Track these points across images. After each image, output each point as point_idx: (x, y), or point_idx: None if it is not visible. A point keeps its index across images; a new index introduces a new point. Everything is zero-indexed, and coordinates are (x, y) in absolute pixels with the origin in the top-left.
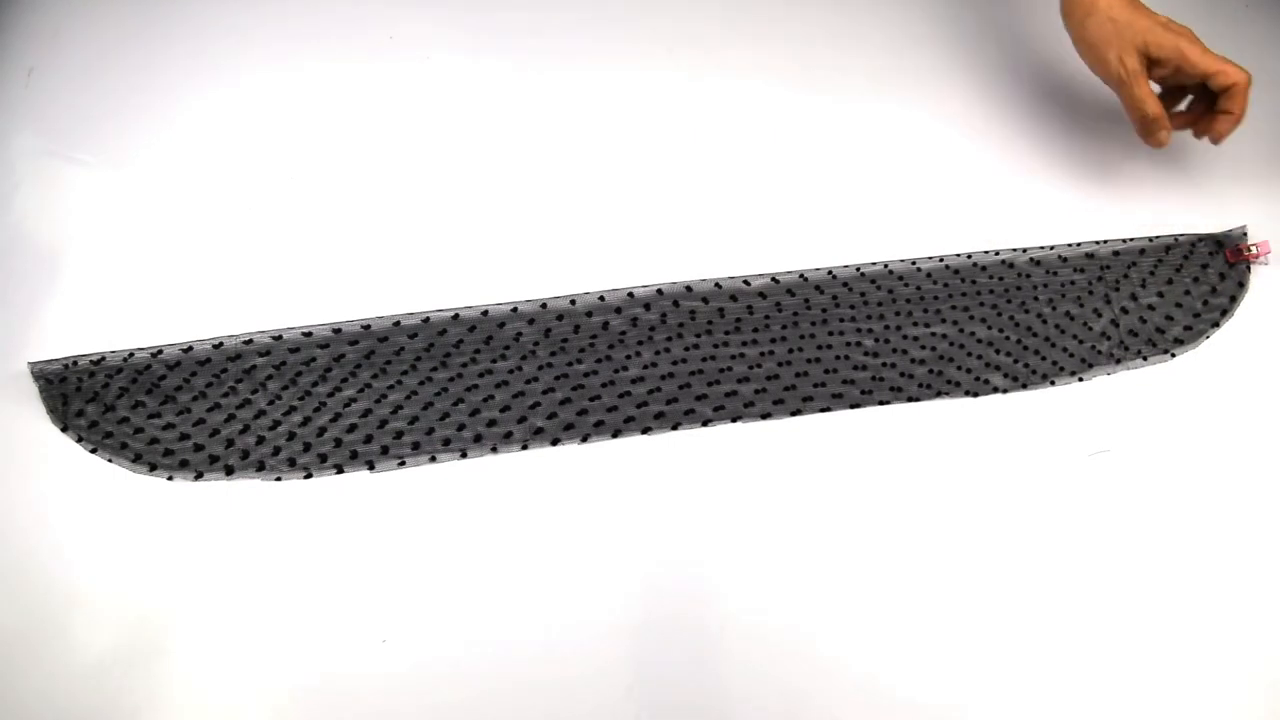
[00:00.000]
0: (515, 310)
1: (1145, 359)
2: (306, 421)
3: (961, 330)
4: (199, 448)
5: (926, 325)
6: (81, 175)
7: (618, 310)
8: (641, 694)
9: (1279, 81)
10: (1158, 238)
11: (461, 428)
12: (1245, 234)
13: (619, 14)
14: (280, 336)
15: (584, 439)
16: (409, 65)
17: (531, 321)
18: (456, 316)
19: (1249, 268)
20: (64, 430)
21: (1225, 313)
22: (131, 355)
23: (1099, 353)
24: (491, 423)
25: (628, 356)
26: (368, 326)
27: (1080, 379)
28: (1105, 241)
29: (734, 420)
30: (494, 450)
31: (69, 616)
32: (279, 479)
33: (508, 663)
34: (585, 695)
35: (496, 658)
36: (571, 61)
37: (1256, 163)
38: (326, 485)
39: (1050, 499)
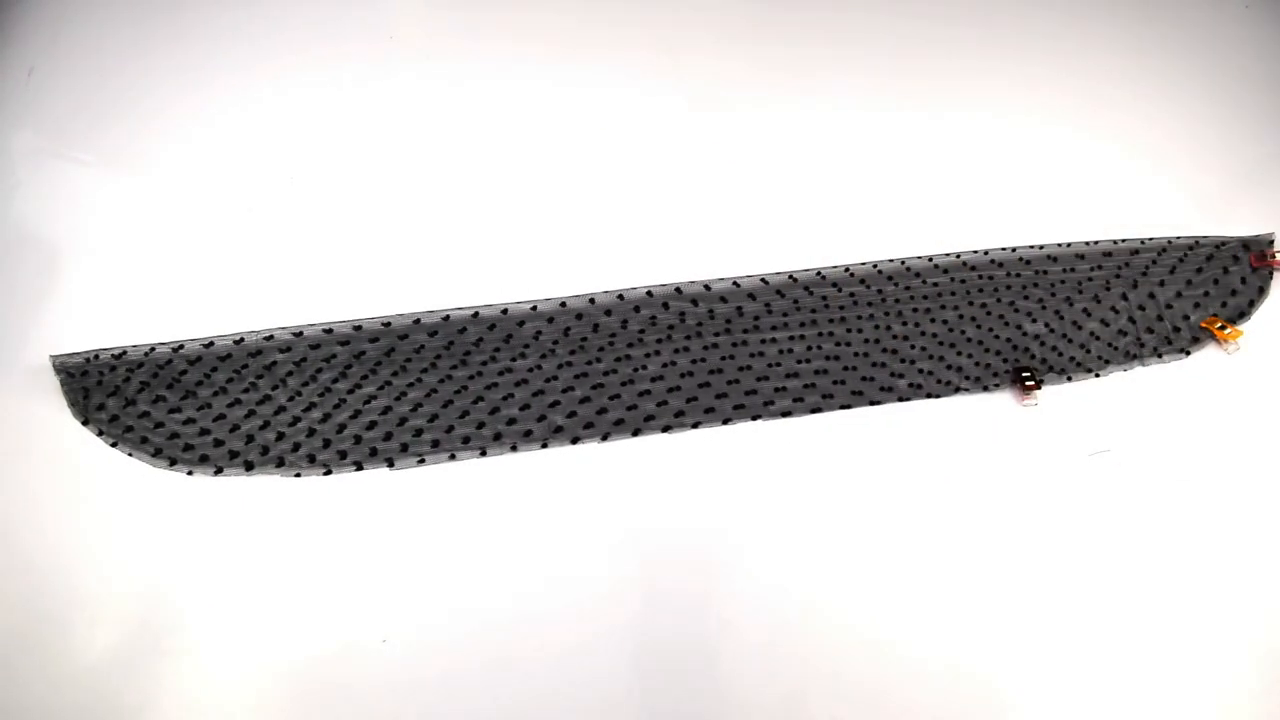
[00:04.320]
0: (535, 309)
1: (1161, 356)
2: (326, 418)
3: (979, 326)
4: (219, 443)
5: (944, 321)
6: (81, 174)
7: (636, 309)
8: (650, 688)
9: (1279, 82)
10: (1178, 238)
11: (481, 425)
12: (1272, 241)
13: (633, 16)
14: (301, 333)
15: (604, 437)
16: (422, 64)
17: (551, 320)
18: (476, 314)
19: (1272, 273)
20: (85, 424)
21: (1244, 314)
22: (153, 350)
23: (1115, 349)
24: (511, 420)
25: (647, 355)
26: (388, 324)
27: (1097, 375)
28: (1122, 241)
29: (754, 418)
30: (514, 448)
31: (80, 611)
32: (298, 475)
33: (517, 662)
34: (594, 692)
35: (508, 653)
36: (592, 60)
37: (1262, 166)
38: (346, 482)
39: (1071, 496)
